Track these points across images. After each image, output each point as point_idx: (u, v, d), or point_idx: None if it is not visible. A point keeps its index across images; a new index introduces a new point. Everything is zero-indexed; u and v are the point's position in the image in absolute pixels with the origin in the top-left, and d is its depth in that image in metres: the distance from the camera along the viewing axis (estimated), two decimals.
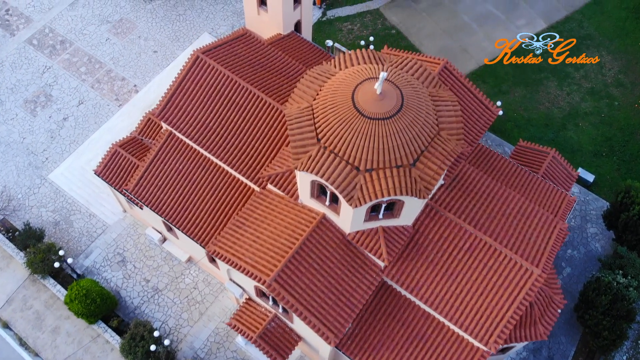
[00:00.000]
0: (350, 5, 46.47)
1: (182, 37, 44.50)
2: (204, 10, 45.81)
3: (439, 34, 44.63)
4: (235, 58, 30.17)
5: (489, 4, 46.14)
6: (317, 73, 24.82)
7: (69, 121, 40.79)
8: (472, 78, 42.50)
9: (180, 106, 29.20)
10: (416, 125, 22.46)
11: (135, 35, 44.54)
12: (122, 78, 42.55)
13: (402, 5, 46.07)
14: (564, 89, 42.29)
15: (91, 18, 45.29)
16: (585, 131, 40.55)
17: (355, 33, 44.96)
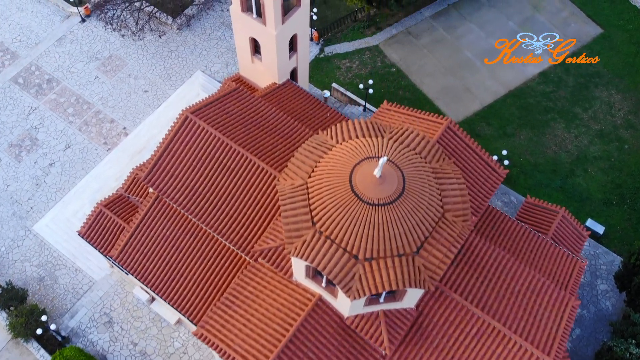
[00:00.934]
0: (348, 42, 44.75)
1: (174, 75, 42.77)
2: (197, 46, 44.08)
3: (441, 72, 42.90)
4: (227, 117, 28.45)
5: (493, 39, 44.39)
6: (313, 146, 23.10)
7: (55, 167, 39.05)
8: (476, 120, 40.80)
9: (168, 170, 27.46)
10: (419, 210, 20.73)
11: (125, 74, 42.81)
12: (111, 120, 40.82)
13: (402, 42, 44.34)
14: (571, 131, 40.57)
15: (79, 55, 43.56)
16: (595, 177, 38.81)
17: (354, 71, 43.23)
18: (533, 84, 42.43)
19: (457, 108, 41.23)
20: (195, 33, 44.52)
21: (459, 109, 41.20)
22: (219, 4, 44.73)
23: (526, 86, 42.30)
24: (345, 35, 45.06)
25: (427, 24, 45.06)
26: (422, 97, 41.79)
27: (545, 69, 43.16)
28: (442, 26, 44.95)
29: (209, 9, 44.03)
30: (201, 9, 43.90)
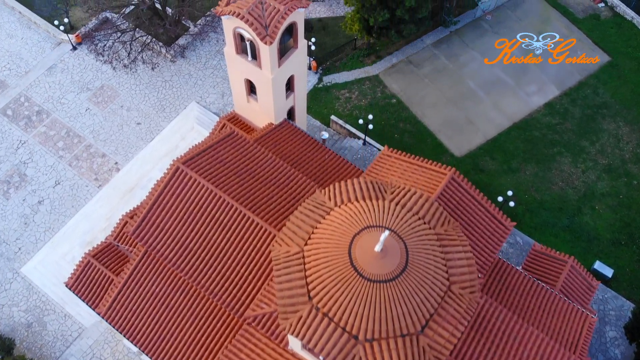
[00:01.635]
0: (347, 71, 43.41)
1: (169, 107, 41.44)
2: (192, 75, 42.75)
3: (443, 102, 41.58)
4: (221, 166, 27.11)
5: (497, 68, 43.09)
6: (310, 209, 21.75)
7: (44, 205, 37.72)
8: (480, 154, 39.46)
9: (158, 224, 26.10)
10: (424, 286, 19.39)
11: (117, 105, 41.48)
12: (102, 154, 39.48)
13: (402, 71, 43.00)
14: (578, 165, 39.24)
15: (70, 85, 42.23)
16: (602, 215, 37.47)
17: (353, 102, 41.90)
18: (538, 115, 41.12)
19: (460, 141, 39.90)
20: (190, 62, 43.19)
21: (462, 143, 39.88)
22: (214, 34, 43.33)
23: (531, 118, 40.98)
24: (345, 64, 43.72)
25: (428, 52, 43.73)
26: (423, 129, 40.45)
27: (550, 99, 41.84)
28: (444, 54, 43.62)
29: (204, 40, 42.65)
30: (195, 39, 42.53)
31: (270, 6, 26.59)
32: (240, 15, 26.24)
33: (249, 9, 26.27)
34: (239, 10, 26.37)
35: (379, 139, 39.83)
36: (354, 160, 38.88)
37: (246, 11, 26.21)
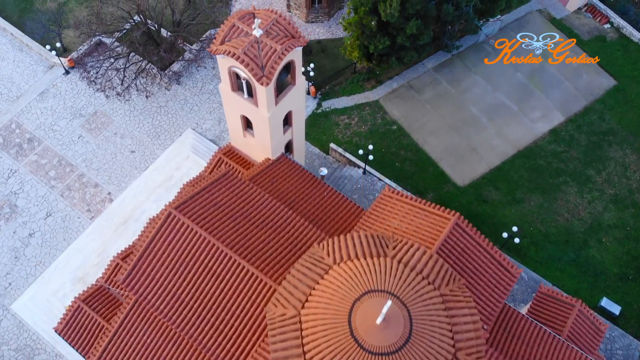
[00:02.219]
0: (347, 96, 42.34)
1: (164, 134, 40.36)
2: (188, 101, 41.67)
3: (445, 129, 40.50)
4: (214, 210, 26.00)
5: (500, 93, 42.03)
6: (307, 266, 20.76)
7: (35, 237, 36.66)
8: (483, 184, 38.39)
9: (149, 272, 25.01)
10: (429, 357, 18.34)
11: (110, 132, 40.41)
12: (95, 184, 38.41)
13: (403, 96, 41.93)
14: (584, 196, 38.17)
15: (62, 111, 41.16)
16: (609, 249, 36.42)
17: (353, 128, 40.83)
18: (543, 143, 40.05)
19: (463, 170, 38.84)
20: (186, 87, 42.13)
21: (464, 171, 38.81)
22: (210, 59, 42.19)
23: (536, 145, 39.92)
24: (344, 89, 42.64)
25: (429, 77, 42.66)
26: (425, 157, 39.38)
27: (555, 125, 40.80)
28: (446, 79, 42.54)
29: (199, 66, 41.55)
30: (190, 65, 41.40)
31: (266, 46, 25.52)
32: (236, 55, 25.16)
33: (244, 48, 25.21)
34: (234, 50, 25.29)
35: (379, 167, 38.77)
36: (353, 190, 37.83)
37: (242, 51, 25.13)
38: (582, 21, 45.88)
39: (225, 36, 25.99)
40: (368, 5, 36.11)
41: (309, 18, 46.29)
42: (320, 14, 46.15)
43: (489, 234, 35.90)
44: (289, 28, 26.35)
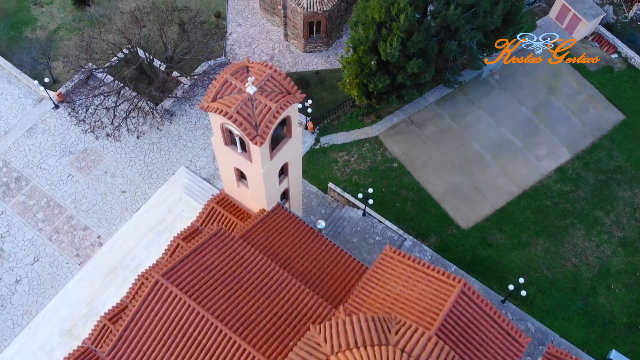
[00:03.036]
0: (346, 131, 40.94)
1: (156, 172, 38.95)
2: (181, 137, 40.26)
3: (447, 167, 39.08)
4: (205, 275, 24.59)
5: (504, 128, 40.62)
6: (302, 355, 19.33)
7: (22, 284, 35.25)
8: (488, 226, 36.99)
9: (135, 344, 23.63)
10: None
11: (101, 170, 39.00)
12: (84, 227, 37.01)
13: (404, 132, 40.52)
14: (592, 239, 36.78)
15: (51, 148, 39.75)
16: (618, 296, 35.03)
17: (352, 166, 39.41)
18: (549, 182, 38.65)
19: (467, 212, 37.44)
20: (180, 122, 40.72)
21: (468, 213, 37.41)
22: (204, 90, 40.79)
23: (542, 185, 38.52)
24: (343, 124, 41.25)
25: (431, 111, 41.26)
26: (427, 197, 37.98)
27: (562, 163, 39.40)
28: (448, 113, 41.15)
29: (193, 105, 40.10)
30: (182, 102, 39.93)
31: (261, 104, 24.13)
32: (228, 114, 23.78)
33: (237, 107, 23.81)
34: (226, 108, 23.90)
35: (379, 207, 37.37)
36: (353, 233, 36.43)
37: (234, 110, 23.74)
38: (588, 51, 44.46)
39: (218, 92, 24.61)
40: (368, 45, 34.72)
41: (307, 48, 44.91)
42: (318, 44, 44.77)
43: (494, 280, 34.77)
44: (284, 83, 24.96)
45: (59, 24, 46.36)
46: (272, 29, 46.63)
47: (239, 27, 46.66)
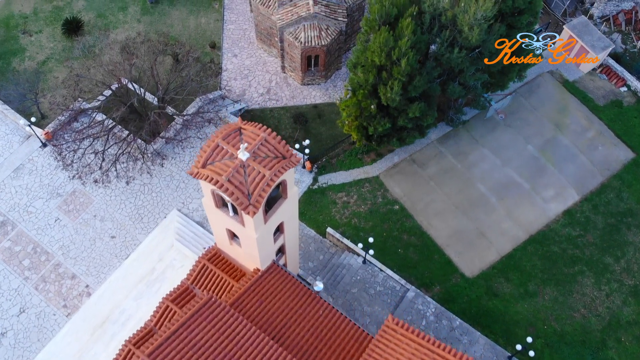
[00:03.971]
0: (345, 170, 39.40)
1: (147, 215, 37.41)
2: (174, 177, 38.71)
3: (451, 210, 37.54)
4: (193, 353, 23.01)
5: (510, 168, 39.08)
6: None
7: (8, 337, 33.73)
8: (494, 274, 35.47)
9: None
10: None
11: (90, 214, 37.45)
12: (72, 275, 35.47)
13: (405, 172, 38.97)
14: (602, 287, 35.25)
15: (38, 190, 38.20)
16: (629, 350, 33.54)
17: (351, 208, 37.86)
18: (557, 226, 37.12)
19: (472, 258, 35.91)
20: (172, 161, 39.17)
21: (473, 260, 35.88)
22: (197, 139, 39.19)
23: (549, 229, 36.98)
24: (342, 163, 39.72)
25: (433, 150, 39.71)
26: (430, 243, 36.44)
27: (570, 206, 37.88)
28: (451, 152, 39.60)
29: (185, 148, 38.54)
30: (174, 144, 38.32)
31: (254, 171, 22.59)
32: (219, 183, 22.23)
33: (228, 175, 22.26)
34: (217, 176, 22.36)
35: (380, 253, 35.82)
36: (352, 283, 34.88)
37: (225, 178, 22.19)
38: (596, 84, 42.96)
39: (208, 158, 23.07)
40: (367, 88, 33.19)
41: (305, 80, 43.39)
42: (316, 77, 43.24)
43: (500, 334, 33.39)
44: (279, 147, 23.42)
45: (48, 54, 44.84)
46: (269, 60, 45.09)
47: (234, 58, 45.11)
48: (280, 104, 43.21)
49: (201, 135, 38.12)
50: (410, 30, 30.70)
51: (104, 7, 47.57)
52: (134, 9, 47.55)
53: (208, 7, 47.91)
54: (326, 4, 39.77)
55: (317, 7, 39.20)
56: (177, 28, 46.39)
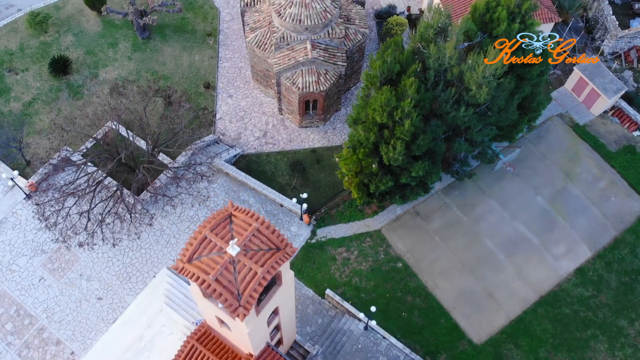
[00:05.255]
0: (345, 223, 37.47)
1: (135, 274, 35.49)
2: (164, 231, 36.77)
3: (457, 268, 35.59)
4: None
5: (519, 222, 37.13)
6: None
7: None
8: (503, 340, 33.53)
9: None
10: None
11: (75, 273, 35.52)
12: (56, 341, 33.55)
13: (408, 225, 37.02)
14: (616, 353, 33.33)
15: (22, 246, 36.25)
16: None
17: (352, 265, 35.92)
18: (568, 285, 35.19)
19: (479, 322, 33.98)
20: (162, 213, 37.20)
21: (481, 324, 33.95)
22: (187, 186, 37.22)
23: (560, 289, 35.07)
24: (341, 214, 37.78)
25: (438, 201, 37.77)
26: (435, 305, 34.50)
27: (582, 263, 35.96)
28: (456, 203, 37.66)
29: (175, 206, 36.56)
30: (163, 202, 36.30)
31: (245, 267, 20.62)
32: (206, 283, 20.27)
33: (216, 273, 20.28)
34: (203, 275, 20.39)
35: (383, 317, 33.90)
36: (354, 352, 32.89)
37: (212, 277, 20.23)
38: (608, 127, 41.02)
39: (195, 252, 21.11)
40: (368, 147, 31.23)
41: (303, 123, 41.46)
42: (315, 120, 41.32)
43: None
44: (272, 238, 21.44)
45: (35, 94, 42.92)
46: (265, 100, 43.17)
47: (230, 99, 43.18)
48: (277, 148, 41.27)
49: (192, 191, 36.12)
50: (414, 89, 28.77)
51: (94, 43, 45.61)
52: (125, 45, 45.60)
53: (202, 43, 45.98)
54: (325, 47, 37.84)
55: (315, 52, 37.28)
56: (169, 66, 44.43)
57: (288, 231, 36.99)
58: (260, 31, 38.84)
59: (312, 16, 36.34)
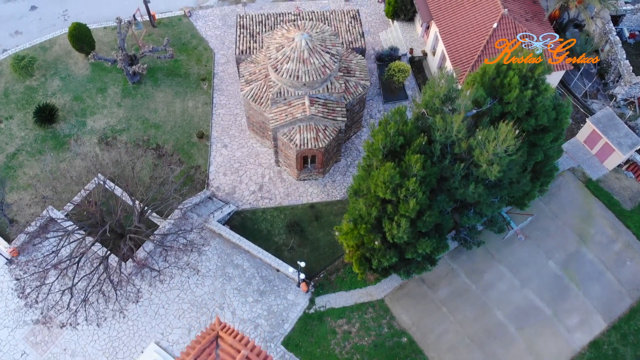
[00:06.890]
0: (345, 290, 35.34)
1: (122, 350, 33.32)
2: (153, 301, 34.62)
3: (466, 344, 33.44)
4: None
5: (530, 290, 34.98)
6: None
7: None
8: None
9: None
10: None
11: (59, 347, 33.37)
12: None
13: (413, 294, 34.89)
14: None
15: (3, 317, 34.13)
16: None
17: (353, 340, 33.77)
18: None
19: None
20: (150, 282, 35.02)
21: None
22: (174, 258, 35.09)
23: None
24: (342, 280, 35.64)
25: (444, 267, 35.63)
26: None
27: (596, 335, 33.82)
28: (464, 269, 35.53)
29: (163, 281, 34.38)
30: (150, 278, 34.08)
31: None
32: None
33: None
34: None
35: None
36: None
37: None
38: (622, 183, 38.87)
39: None
40: (370, 222, 29.09)
41: (301, 177, 39.32)
42: (313, 173, 39.17)
43: None
44: None
45: (19, 145, 40.81)
46: (261, 151, 41.05)
47: (224, 149, 41.04)
48: (273, 203, 39.13)
49: (181, 264, 33.92)
50: (419, 166, 26.62)
51: (81, 88, 43.49)
52: (114, 90, 43.47)
53: (196, 88, 43.85)
54: (324, 102, 35.73)
55: (314, 108, 35.16)
56: (161, 114, 42.29)
57: (284, 299, 34.87)
58: (256, 84, 36.73)
59: (310, 72, 34.21)
